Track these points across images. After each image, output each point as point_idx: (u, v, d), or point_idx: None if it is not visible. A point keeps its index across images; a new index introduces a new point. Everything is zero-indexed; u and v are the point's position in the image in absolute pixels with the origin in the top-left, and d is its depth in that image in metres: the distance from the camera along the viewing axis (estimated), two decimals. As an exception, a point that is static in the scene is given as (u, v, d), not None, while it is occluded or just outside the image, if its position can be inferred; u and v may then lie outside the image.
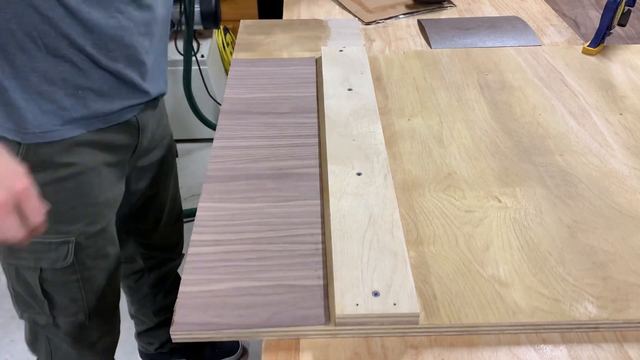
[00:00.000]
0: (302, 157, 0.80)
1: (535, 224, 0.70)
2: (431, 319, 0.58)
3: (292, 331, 0.58)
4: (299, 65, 1.03)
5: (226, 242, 0.66)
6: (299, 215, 0.70)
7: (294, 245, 0.66)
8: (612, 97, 0.95)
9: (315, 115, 0.89)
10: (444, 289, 0.62)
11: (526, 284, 0.62)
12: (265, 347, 0.57)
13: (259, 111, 0.90)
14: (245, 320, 0.58)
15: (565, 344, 0.57)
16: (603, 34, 1.06)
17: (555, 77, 1.01)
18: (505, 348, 0.57)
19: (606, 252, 0.66)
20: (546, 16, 1.27)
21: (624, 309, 0.59)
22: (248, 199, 0.72)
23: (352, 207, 0.68)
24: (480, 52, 1.09)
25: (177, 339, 0.57)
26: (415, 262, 0.65)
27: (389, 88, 0.98)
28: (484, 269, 0.64)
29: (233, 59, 1.06)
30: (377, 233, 0.65)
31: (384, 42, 1.17)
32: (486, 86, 0.98)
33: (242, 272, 0.63)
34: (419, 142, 0.85)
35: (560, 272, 0.63)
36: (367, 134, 0.81)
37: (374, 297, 0.57)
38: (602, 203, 0.73)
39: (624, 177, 0.77)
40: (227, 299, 0.60)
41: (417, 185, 0.76)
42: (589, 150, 0.83)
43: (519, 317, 0.58)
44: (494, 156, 0.82)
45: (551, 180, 0.77)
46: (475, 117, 0.90)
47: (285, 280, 0.62)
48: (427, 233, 0.69)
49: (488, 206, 0.73)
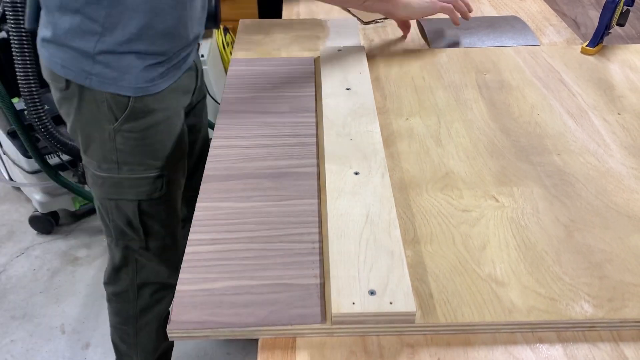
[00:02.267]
0: (300, 157, 0.80)
1: (532, 224, 0.70)
2: (427, 318, 0.58)
3: (288, 330, 0.58)
4: (297, 65, 1.03)
5: (223, 241, 0.66)
6: (296, 214, 0.70)
7: (291, 244, 0.66)
8: (610, 96, 0.95)
9: (314, 114, 0.89)
10: (441, 288, 0.62)
11: (523, 283, 0.62)
12: (262, 346, 0.58)
13: (258, 110, 0.90)
14: (241, 318, 0.58)
15: (561, 343, 0.57)
16: (602, 33, 1.06)
17: (554, 76, 1.01)
18: (502, 347, 0.57)
19: (603, 251, 0.66)
20: (545, 16, 1.27)
21: (620, 308, 0.59)
22: (246, 198, 0.73)
23: (350, 206, 0.68)
24: (478, 51, 1.09)
25: (174, 337, 0.58)
26: (412, 261, 0.65)
27: (387, 88, 0.98)
28: (481, 268, 0.64)
29: (232, 59, 1.06)
30: (374, 232, 0.65)
31: (383, 41, 1.17)
32: (484, 86, 0.98)
33: (239, 270, 0.63)
34: (417, 141, 0.85)
35: (556, 271, 0.63)
36: (365, 133, 0.81)
37: (370, 296, 0.57)
38: (600, 203, 0.73)
39: (621, 177, 0.77)
40: (224, 298, 0.60)
41: (415, 184, 0.76)
42: (587, 149, 0.83)
43: (515, 316, 0.58)
44: (491, 156, 0.82)
45: (548, 179, 0.77)
46: (474, 117, 0.90)
47: (282, 279, 0.62)
48: (424, 232, 0.69)
49: (485, 205, 0.73)
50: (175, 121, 0.99)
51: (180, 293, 0.60)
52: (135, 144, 0.95)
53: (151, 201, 1.02)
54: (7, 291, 1.79)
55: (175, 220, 1.10)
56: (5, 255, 1.92)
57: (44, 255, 1.91)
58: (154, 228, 1.06)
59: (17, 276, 1.84)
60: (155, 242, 1.09)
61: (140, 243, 1.08)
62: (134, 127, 0.93)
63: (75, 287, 1.80)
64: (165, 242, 1.10)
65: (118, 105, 0.91)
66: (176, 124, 1.00)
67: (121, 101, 0.90)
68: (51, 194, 1.87)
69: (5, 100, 1.55)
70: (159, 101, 0.94)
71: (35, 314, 1.71)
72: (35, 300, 1.76)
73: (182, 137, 1.03)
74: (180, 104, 1.00)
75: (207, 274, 0.62)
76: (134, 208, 1.01)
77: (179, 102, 1.00)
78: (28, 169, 1.80)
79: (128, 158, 0.96)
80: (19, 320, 1.70)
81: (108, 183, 0.99)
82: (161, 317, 1.21)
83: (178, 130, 1.01)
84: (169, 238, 1.10)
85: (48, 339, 1.65)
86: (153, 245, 1.09)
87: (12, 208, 2.11)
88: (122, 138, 0.94)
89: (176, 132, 1.00)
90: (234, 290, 0.60)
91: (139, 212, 1.02)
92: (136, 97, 0.91)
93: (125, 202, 1.01)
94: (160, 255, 1.11)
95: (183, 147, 1.05)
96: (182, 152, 1.05)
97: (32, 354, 1.60)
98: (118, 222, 1.05)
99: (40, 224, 1.97)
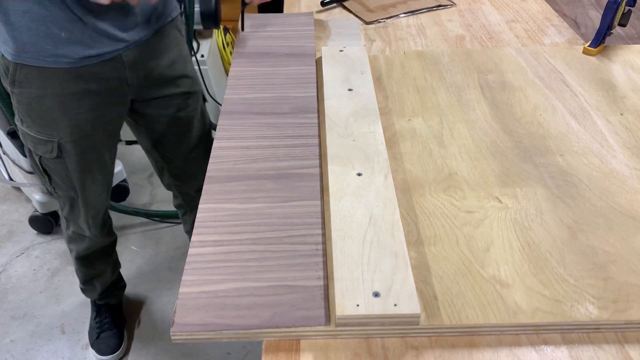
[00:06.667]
0: (302, 158, 0.80)
1: (535, 225, 0.70)
2: (432, 320, 0.58)
3: (292, 332, 0.57)
4: (299, 65, 1.03)
5: (226, 243, 0.66)
6: (299, 215, 0.70)
7: (294, 245, 0.66)
8: (612, 97, 0.95)
9: (316, 115, 0.89)
10: (445, 289, 0.61)
11: (527, 284, 0.62)
12: (266, 348, 0.57)
13: (259, 111, 0.90)
14: (245, 321, 0.58)
15: (566, 345, 0.57)
16: (604, 34, 1.06)
17: (556, 77, 1.01)
18: (506, 349, 0.57)
19: (607, 252, 0.66)
20: (547, 16, 1.27)
21: (625, 310, 0.59)
22: (248, 200, 0.72)
23: (353, 208, 0.68)
24: (480, 52, 1.09)
25: (177, 340, 0.57)
26: (416, 263, 0.65)
27: (389, 88, 0.98)
28: (485, 269, 0.64)
29: (233, 59, 1.06)
30: (377, 234, 0.64)
31: (384, 42, 1.16)
32: (487, 86, 0.98)
33: (242, 272, 0.62)
34: (420, 142, 0.85)
35: (561, 272, 0.63)
36: (368, 134, 0.81)
37: (374, 298, 0.57)
38: (603, 203, 0.73)
39: (624, 178, 0.77)
40: (227, 300, 0.59)
41: (418, 185, 0.76)
42: (590, 150, 0.83)
43: (520, 318, 0.58)
44: (494, 156, 0.81)
45: (552, 180, 0.77)
46: (476, 118, 0.90)
47: (285, 280, 0.62)
48: (427, 234, 0.69)
49: (489, 207, 0.73)
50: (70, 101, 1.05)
51: (184, 295, 0.60)
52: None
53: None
54: (7, 291, 1.78)
55: (81, 177, 1.18)
56: (5, 255, 1.91)
57: (44, 255, 1.91)
58: (55, 181, 1.18)
59: (17, 276, 1.83)
60: (62, 192, 1.21)
61: (50, 189, 1.22)
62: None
63: (75, 287, 1.80)
64: (70, 194, 1.21)
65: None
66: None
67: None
68: (51, 194, 1.87)
69: (5, 100, 1.55)
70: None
71: (35, 314, 1.71)
72: (35, 300, 1.76)
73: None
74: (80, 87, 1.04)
75: (210, 275, 0.62)
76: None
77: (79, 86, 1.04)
78: (28, 169, 1.79)
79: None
80: (19, 320, 1.69)
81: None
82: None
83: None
84: (72, 191, 1.20)
85: (48, 339, 1.64)
86: (61, 194, 1.22)
87: (12, 208, 2.11)
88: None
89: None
90: (237, 292, 0.60)
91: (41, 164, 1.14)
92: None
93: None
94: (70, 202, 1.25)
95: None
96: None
97: (32, 354, 1.60)
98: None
99: (40, 224, 1.96)
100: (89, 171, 1.17)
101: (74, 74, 1.00)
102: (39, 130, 1.06)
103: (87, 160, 1.14)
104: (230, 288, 0.61)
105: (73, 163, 1.13)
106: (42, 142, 1.08)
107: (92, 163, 1.16)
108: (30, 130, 1.07)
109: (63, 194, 1.22)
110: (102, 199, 1.29)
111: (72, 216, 1.30)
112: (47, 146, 1.09)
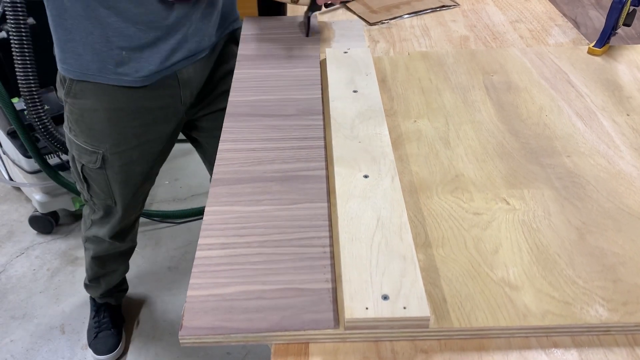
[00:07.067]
0: (308, 160, 0.79)
1: (544, 226, 0.69)
2: (441, 323, 0.58)
3: (301, 335, 0.57)
4: (303, 67, 1.03)
5: (233, 246, 0.66)
6: (306, 218, 0.70)
7: (301, 248, 0.66)
8: (618, 97, 0.95)
9: (321, 117, 0.88)
10: (454, 292, 0.61)
11: (536, 286, 0.62)
12: (274, 352, 0.57)
13: (264, 113, 0.89)
14: (254, 324, 0.57)
15: (576, 348, 0.57)
16: (609, 34, 1.05)
17: (561, 77, 1.00)
18: (516, 352, 0.57)
19: (616, 254, 0.66)
20: (550, 16, 1.27)
21: (635, 312, 0.59)
22: (255, 202, 0.72)
23: (360, 210, 0.68)
24: (485, 53, 1.09)
25: (186, 343, 0.57)
26: (424, 265, 0.64)
27: (394, 90, 0.97)
28: (494, 271, 0.63)
29: (237, 62, 1.05)
30: (385, 236, 0.64)
31: (388, 43, 1.16)
32: (492, 87, 0.98)
33: (250, 275, 0.62)
34: (426, 144, 0.84)
35: (570, 274, 0.63)
36: (373, 136, 0.81)
37: (383, 301, 0.57)
38: (611, 205, 0.73)
39: (632, 179, 0.77)
40: (235, 303, 0.59)
41: (425, 187, 0.76)
42: (597, 151, 0.82)
43: (530, 321, 0.58)
44: (501, 158, 0.81)
45: (559, 181, 0.77)
46: (482, 119, 0.90)
47: (293, 283, 0.61)
48: (435, 236, 0.68)
49: (496, 208, 0.72)
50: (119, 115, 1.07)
51: (191, 298, 0.60)
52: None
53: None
54: (7, 291, 1.78)
55: (122, 189, 1.20)
56: (5, 255, 1.91)
57: (44, 255, 1.90)
58: (94, 189, 1.20)
59: (17, 276, 1.83)
60: (98, 200, 1.23)
61: (87, 197, 1.24)
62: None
63: (75, 287, 1.79)
64: (107, 202, 1.23)
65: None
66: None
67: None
68: (51, 194, 1.86)
69: (5, 100, 1.54)
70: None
71: (35, 314, 1.71)
72: (35, 300, 1.75)
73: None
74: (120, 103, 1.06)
75: (217, 278, 0.62)
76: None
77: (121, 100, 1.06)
78: (28, 169, 1.78)
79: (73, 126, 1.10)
80: (19, 320, 1.69)
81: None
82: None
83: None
84: (110, 200, 1.22)
85: (48, 339, 1.64)
86: (97, 202, 1.24)
87: (12, 208, 2.10)
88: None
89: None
90: (245, 296, 0.60)
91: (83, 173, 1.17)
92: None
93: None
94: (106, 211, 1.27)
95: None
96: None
97: (32, 354, 1.60)
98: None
99: (40, 224, 1.96)
100: (130, 184, 1.19)
101: (130, 91, 1.02)
102: (85, 141, 1.09)
103: (129, 174, 1.16)
104: (238, 291, 0.60)
105: (114, 174, 1.14)
106: (88, 152, 1.10)
107: (134, 176, 1.18)
108: (77, 139, 1.10)
109: (100, 202, 1.23)
110: (137, 210, 1.32)
111: (101, 222, 1.30)
112: (92, 157, 1.11)
